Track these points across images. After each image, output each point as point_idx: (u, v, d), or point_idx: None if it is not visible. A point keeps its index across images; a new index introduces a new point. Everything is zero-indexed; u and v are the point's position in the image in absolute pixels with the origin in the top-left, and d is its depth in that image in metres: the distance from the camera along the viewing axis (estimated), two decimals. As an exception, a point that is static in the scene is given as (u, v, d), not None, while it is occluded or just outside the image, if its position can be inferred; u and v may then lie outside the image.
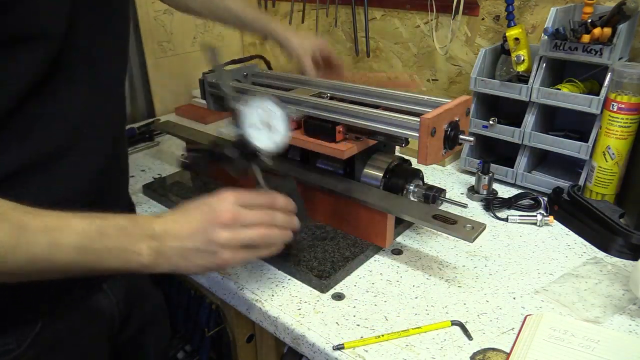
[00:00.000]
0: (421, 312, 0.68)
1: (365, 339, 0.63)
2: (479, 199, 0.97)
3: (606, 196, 0.91)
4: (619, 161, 0.88)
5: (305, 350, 0.66)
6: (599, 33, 0.85)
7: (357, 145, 0.80)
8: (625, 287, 0.72)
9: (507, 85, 0.99)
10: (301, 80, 0.96)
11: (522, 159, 1.01)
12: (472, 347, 0.62)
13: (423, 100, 0.80)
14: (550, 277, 0.76)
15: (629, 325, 0.66)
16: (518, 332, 0.64)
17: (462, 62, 1.25)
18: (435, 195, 0.82)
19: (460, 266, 0.78)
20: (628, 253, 0.79)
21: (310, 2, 1.47)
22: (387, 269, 0.78)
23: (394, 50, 1.37)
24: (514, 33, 0.97)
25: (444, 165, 1.14)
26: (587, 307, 0.69)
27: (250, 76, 1.04)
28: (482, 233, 0.71)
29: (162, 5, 1.45)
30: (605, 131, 0.88)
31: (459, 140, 0.73)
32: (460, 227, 0.71)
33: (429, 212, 0.74)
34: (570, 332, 0.63)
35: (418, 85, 1.31)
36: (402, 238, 0.86)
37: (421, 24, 1.29)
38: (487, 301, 0.70)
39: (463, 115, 0.74)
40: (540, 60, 0.96)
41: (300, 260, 0.77)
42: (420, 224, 0.77)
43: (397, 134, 0.73)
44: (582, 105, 0.91)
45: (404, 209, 0.76)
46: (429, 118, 0.67)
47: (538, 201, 0.95)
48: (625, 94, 0.84)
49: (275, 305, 0.70)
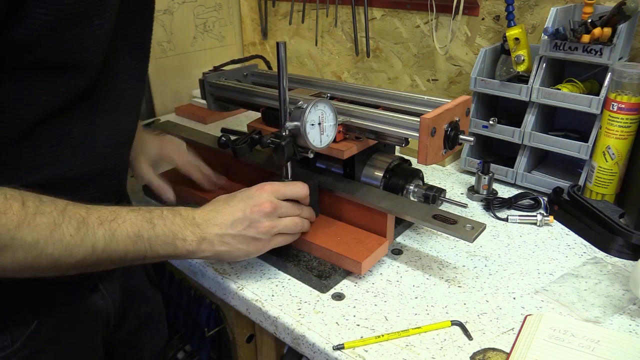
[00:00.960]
0: (421, 312, 0.68)
1: (365, 339, 0.63)
2: (479, 199, 0.97)
3: (606, 196, 0.91)
4: (619, 161, 0.88)
5: (305, 350, 0.66)
6: (599, 33, 0.85)
7: (357, 145, 0.80)
8: (625, 287, 0.72)
9: (507, 85, 0.99)
10: (301, 80, 0.96)
11: (522, 159, 1.01)
12: (472, 347, 0.62)
13: (423, 100, 0.80)
14: (550, 277, 0.76)
15: (629, 325, 0.66)
16: (518, 332, 0.64)
17: (462, 62, 1.25)
18: (435, 195, 0.82)
19: (460, 266, 0.78)
20: (628, 253, 0.79)
21: (310, 2, 1.47)
22: (387, 269, 0.78)
23: (394, 50, 1.37)
24: (514, 33, 0.97)
25: (444, 165, 1.14)
26: (587, 307, 0.69)
27: (250, 76, 1.04)
28: (482, 233, 0.71)
29: (162, 5, 1.45)
30: (605, 131, 0.88)
31: (459, 140, 0.73)
32: (460, 227, 0.71)
33: (429, 212, 0.74)
34: (570, 332, 0.63)
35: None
36: (402, 238, 0.86)
37: (421, 24, 1.29)
38: (487, 301, 0.70)
39: (463, 115, 0.74)
40: (540, 60, 0.96)
41: (300, 260, 0.77)
42: (421, 224, 0.77)
43: (398, 134, 0.73)
44: (582, 105, 0.91)
45: (404, 209, 0.76)
46: (429, 118, 0.67)
47: (538, 201, 0.95)
48: (625, 94, 0.84)
49: (275, 305, 0.70)
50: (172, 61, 1.53)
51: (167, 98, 1.54)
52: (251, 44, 1.73)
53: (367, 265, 0.75)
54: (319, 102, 0.70)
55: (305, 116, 0.68)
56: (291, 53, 1.62)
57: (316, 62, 1.57)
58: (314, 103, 0.69)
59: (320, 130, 0.72)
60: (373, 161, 0.86)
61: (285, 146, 0.70)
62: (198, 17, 1.56)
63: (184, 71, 1.56)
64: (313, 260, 0.77)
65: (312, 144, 0.70)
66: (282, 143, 0.70)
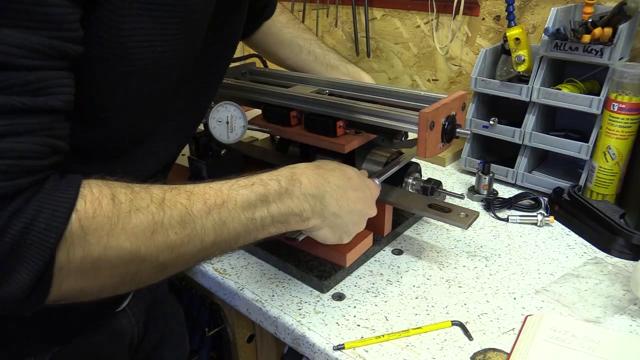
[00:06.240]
0: (421, 313, 0.68)
1: (366, 339, 0.63)
2: (479, 199, 0.97)
3: (607, 196, 0.91)
4: (620, 161, 0.88)
5: (306, 351, 0.66)
6: (599, 33, 0.85)
7: (358, 140, 0.81)
8: (626, 287, 0.72)
9: (507, 85, 0.99)
10: (298, 77, 0.98)
11: (522, 159, 1.01)
12: (472, 347, 0.62)
13: (419, 95, 0.82)
14: (551, 277, 0.75)
15: (629, 326, 0.65)
16: (518, 332, 0.64)
17: (463, 62, 1.25)
18: (433, 187, 0.84)
19: (461, 266, 0.78)
20: (628, 253, 0.79)
21: (310, 2, 1.47)
22: (388, 269, 0.78)
23: (394, 50, 1.37)
24: (514, 33, 0.96)
25: (444, 165, 1.14)
26: (587, 307, 0.69)
27: (248, 74, 1.05)
28: (476, 220, 0.74)
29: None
30: (606, 131, 0.88)
31: (456, 134, 0.75)
32: (454, 215, 0.74)
33: (426, 202, 0.77)
34: (570, 333, 0.63)
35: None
36: (402, 238, 0.86)
37: (421, 24, 1.29)
38: (487, 301, 0.70)
39: (459, 110, 0.76)
40: (540, 60, 0.96)
41: (300, 260, 0.77)
42: (418, 213, 0.81)
43: (397, 128, 0.74)
44: (583, 105, 0.91)
45: (402, 199, 0.79)
46: (427, 112, 0.69)
47: (538, 201, 0.95)
48: (625, 94, 0.84)
49: (275, 305, 0.70)
50: (172, 61, 1.52)
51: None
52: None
53: (353, 257, 0.76)
54: (229, 104, 0.83)
55: (211, 114, 0.82)
56: (291, 53, 1.62)
57: (316, 62, 1.57)
58: (223, 104, 0.82)
59: (229, 129, 0.83)
60: (372, 155, 0.87)
61: (199, 139, 0.87)
62: (198, 17, 1.56)
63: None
64: (313, 260, 0.77)
65: (218, 137, 0.83)
66: (196, 136, 0.87)
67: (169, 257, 0.43)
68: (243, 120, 0.84)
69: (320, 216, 0.59)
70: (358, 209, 0.63)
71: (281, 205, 0.53)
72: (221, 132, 0.83)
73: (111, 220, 0.39)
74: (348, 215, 0.62)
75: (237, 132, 0.84)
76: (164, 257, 0.43)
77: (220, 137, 0.83)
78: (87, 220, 0.38)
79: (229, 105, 0.83)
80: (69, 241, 0.38)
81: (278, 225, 0.54)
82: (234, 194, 0.49)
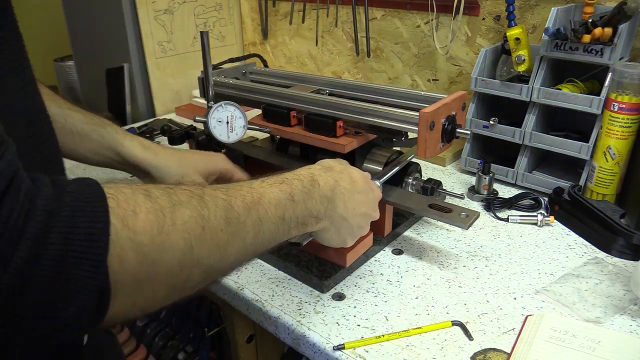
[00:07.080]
0: (422, 313, 0.68)
1: (366, 339, 0.63)
2: (479, 199, 0.97)
3: (607, 196, 0.91)
4: (620, 161, 0.88)
5: (306, 351, 0.66)
6: (599, 33, 0.85)
7: (357, 140, 0.81)
8: (626, 287, 0.72)
9: (507, 85, 0.99)
10: (298, 77, 0.98)
11: (522, 159, 1.01)
12: (472, 347, 0.62)
13: (419, 95, 0.82)
14: (551, 277, 0.75)
15: (629, 326, 0.65)
16: (519, 332, 0.64)
17: (463, 62, 1.25)
18: (433, 187, 0.84)
19: (461, 266, 0.78)
20: (629, 253, 0.79)
21: (310, 2, 1.47)
22: (388, 269, 0.78)
23: (394, 50, 1.37)
24: (514, 33, 0.96)
25: (445, 165, 1.14)
26: (587, 307, 0.68)
27: (248, 74, 1.06)
28: (476, 221, 0.73)
29: (162, 5, 1.45)
30: (606, 131, 0.88)
31: (456, 134, 0.75)
32: (455, 215, 0.74)
33: (426, 202, 0.77)
34: (571, 333, 0.63)
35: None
36: (402, 238, 0.86)
37: (422, 23, 1.29)
38: (487, 301, 0.70)
39: (459, 110, 0.76)
40: (540, 60, 0.96)
41: (300, 260, 0.77)
42: (418, 213, 0.81)
43: (397, 128, 0.74)
44: (583, 105, 0.91)
45: (402, 199, 0.79)
46: (427, 112, 0.69)
47: (539, 201, 0.95)
48: (626, 94, 0.84)
49: (275, 305, 0.70)
50: (172, 61, 1.52)
51: (167, 98, 1.54)
52: (251, 44, 1.73)
53: (353, 257, 0.75)
54: (229, 104, 0.83)
55: (211, 114, 0.82)
56: (292, 53, 1.62)
57: (316, 62, 1.57)
58: (223, 104, 0.82)
59: (229, 128, 0.84)
60: (372, 155, 0.87)
61: (199, 139, 0.88)
62: (198, 17, 1.56)
63: (184, 71, 1.56)
64: (313, 260, 0.77)
65: (219, 137, 0.84)
66: (196, 136, 0.88)
67: (216, 258, 0.38)
68: (243, 120, 0.84)
69: (329, 218, 0.58)
70: (363, 211, 0.63)
71: (304, 207, 0.51)
72: (221, 132, 0.84)
73: (157, 215, 0.32)
74: (354, 218, 0.62)
75: (237, 132, 0.85)
76: (214, 258, 0.37)
77: (220, 137, 0.84)
78: (130, 218, 0.31)
79: (229, 105, 0.83)
80: (117, 245, 0.30)
81: (299, 227, 0.52)
82: (266, 191, 0.46)
